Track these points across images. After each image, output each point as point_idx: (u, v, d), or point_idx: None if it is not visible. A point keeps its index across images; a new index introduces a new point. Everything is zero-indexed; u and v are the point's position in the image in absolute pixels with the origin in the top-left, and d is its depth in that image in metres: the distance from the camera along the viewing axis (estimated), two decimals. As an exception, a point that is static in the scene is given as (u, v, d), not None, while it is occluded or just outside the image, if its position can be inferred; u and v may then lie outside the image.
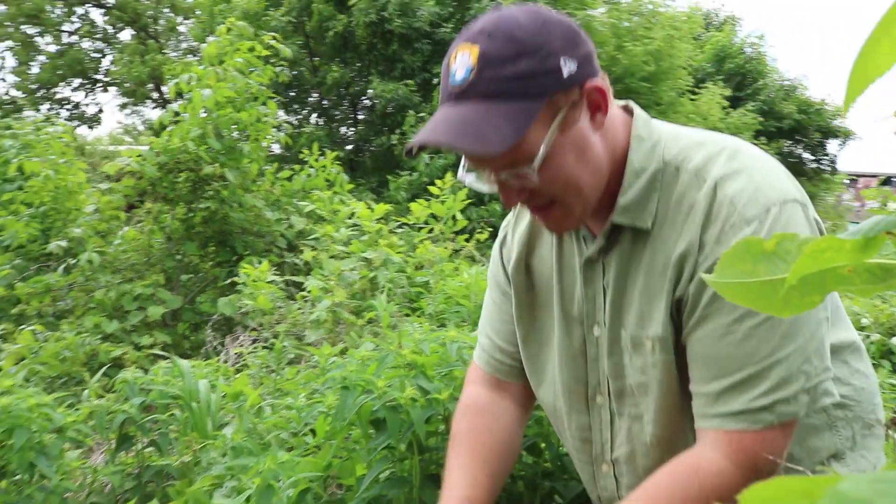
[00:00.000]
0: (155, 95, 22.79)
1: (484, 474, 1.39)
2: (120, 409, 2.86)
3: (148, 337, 5.15)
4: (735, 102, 20.02)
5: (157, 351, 4.31)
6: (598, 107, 1.18)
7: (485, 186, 1.22)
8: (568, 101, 1.14)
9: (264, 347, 3.70)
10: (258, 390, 2.45)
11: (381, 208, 4.77)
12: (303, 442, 2.13)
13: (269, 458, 1.66)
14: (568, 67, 1.12)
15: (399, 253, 4.48)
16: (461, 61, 1.12)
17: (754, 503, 0.36)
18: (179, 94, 6.18)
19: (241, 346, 4.02)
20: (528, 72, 1.09)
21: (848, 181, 24.58)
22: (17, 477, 2.67)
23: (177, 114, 6.15)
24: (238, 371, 3.56)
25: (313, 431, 2.14)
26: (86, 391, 3.39)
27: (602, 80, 1.18)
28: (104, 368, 3.46)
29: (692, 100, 16.85)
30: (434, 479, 1.75)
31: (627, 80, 15.28)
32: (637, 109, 1.29)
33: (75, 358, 4.77)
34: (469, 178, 1.23)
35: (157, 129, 6.40)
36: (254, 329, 4.37)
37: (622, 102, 1.32)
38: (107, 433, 3.01)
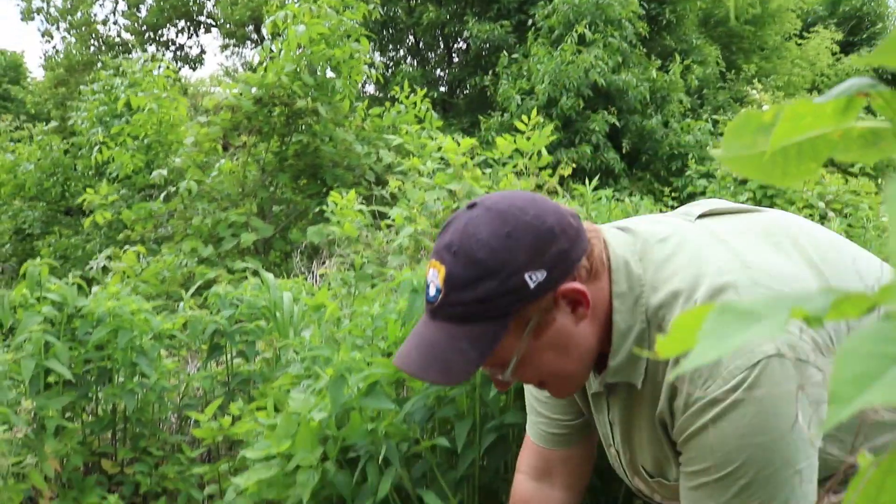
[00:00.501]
0: (254, 37, 23.24)
1: None
2: (212, 320, 3.05)
3: (240, 262, 5.40)
4: (847, 48, 19.01)
5: (252, 266, 4.53)
6: (577, 303, 1.14)
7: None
8: (538, 310, 1.13)
9: (347, 270, 3.84)
10: (337, 301, 2.58)
11: (467, 142, 4.82)
12: (376, 349, 2.25)
13: (342, 351, 1.77)
14: (535, 279, 1.10)
15: (483, 186, 4.54)
16: (432, 278, 1.14)
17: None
18: (276, 33, 6.34)
19: (326, 268, 4.18)
20: (489, 295, 1.09)
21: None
22: (122, 380, 2.90)
23: (272, 50, 6.32)
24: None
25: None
26: (181, 303, 3.61)
27: (582, 271, 1.15)
28: (198, 284, 3.67)
29: (799, 44, 16.11)
30: (495, 380, 1.84)
31: (730, 24, 14.73)
32: (614, 254, 1.21)
33: (173, 278, 5.06)
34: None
35: (254, 67, 6.60)
36: (339, 255, 4.53)
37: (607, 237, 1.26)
38: (199, 342, 3.22)
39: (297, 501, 1.92)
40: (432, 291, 1.13)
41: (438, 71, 16.61)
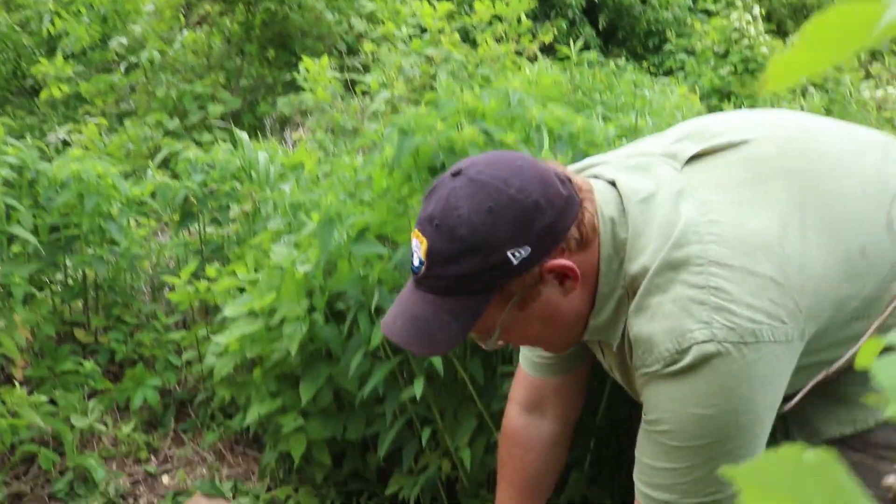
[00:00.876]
0: None
1: None
2: (182, 186, 2.91)
3: (208, 135, 5.19)
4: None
5: (224, 125, 4.35)
6: (565, 277, 1.13)
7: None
8: (523, 285, 1.12)
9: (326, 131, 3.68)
10: (316, 156, 2.44)
11: (444, 6, 4.59)
12: (360, 205, 2.13)
13: (330, 194, 1.65)
14: (519, 256, 1.08)
15: (460, 51, 4.34)
16: (415, 248, 1.13)
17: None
18: None
19: (302, 135, 4.02)
20: (471, 271, 1.09)
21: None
22: (91, 250, 2.77)
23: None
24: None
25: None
26: (149, 171, 3.45)
27: (571, 242, 1.12)
28: (164, 154, 3.49)
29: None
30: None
31: None
32: (602, 216, 1.17)
33: (139, 151, 4.86)
34: None
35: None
36: (313, 125, 4.35)
37: (591, 180, 1.23)
38: (170, 209, 3.08)
39: (282, 357, 1.84)
40: (416, 262, 1.13)
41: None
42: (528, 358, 1.48)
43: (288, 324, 1.75)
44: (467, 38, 5.07)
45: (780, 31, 14.04)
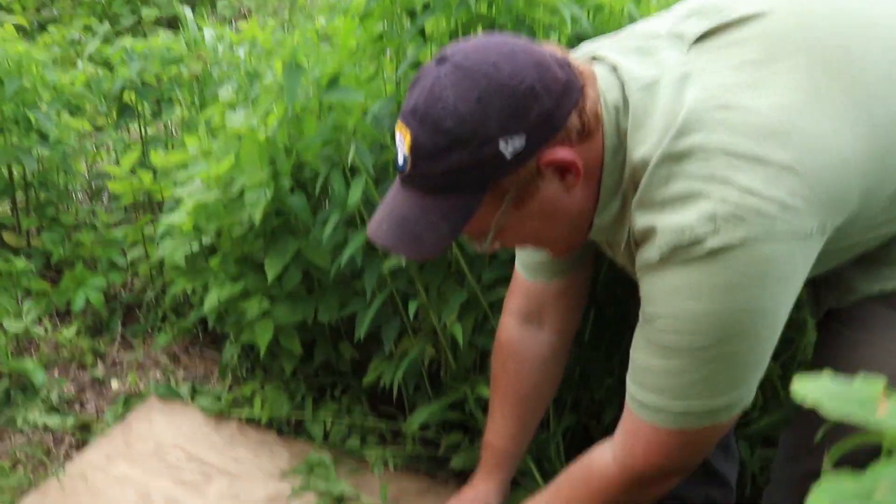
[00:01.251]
0: None
1: (515, 423, 1.45)
2: (118, 75, 2.64)
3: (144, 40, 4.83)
4: None
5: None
6: (566, 171, 1.02)
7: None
8: (518, 181, 1.02)
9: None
10: (269, 28, 2.20)
11: None
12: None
13: (296, 34, 1.43)
14: (511, 147, 0.98)
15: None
16: (399, 143, 1.03)
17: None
18: None
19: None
20: (460, 166, 0.99)
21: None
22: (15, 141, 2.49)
23: None
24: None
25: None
26: (79, 61, 3.15)
27: (572, 132, 1.01)
28: (96, 42, 3.17)
29: None
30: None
31: None
32: (605, 103, 1.05)
33: (66, 56, 4.48)
34: None
35: None
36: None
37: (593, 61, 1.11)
38: (107, 103, 2.81)
39: (245, 230, 1.64)
40: (400, 159, 1.04)
41: None
42: (524, 261, 1.38)
43: (250, 191, 1.54)
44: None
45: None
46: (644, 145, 1.02)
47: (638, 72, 1.06)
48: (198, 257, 1.85)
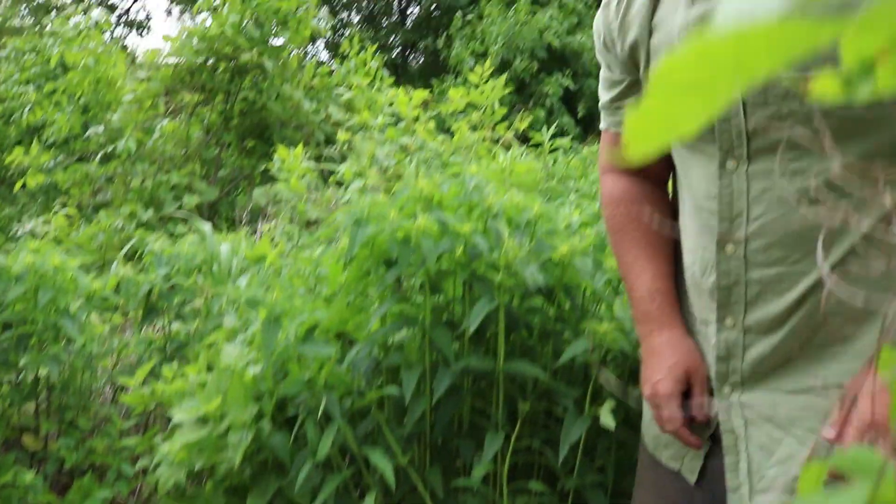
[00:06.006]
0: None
1: (663, 262, 1.29)
2: (145, 279, 2.81)
3: (183, 226, 5.12)
4: None
5: (187, 215, 4.26)
6: None
7: None
8: None
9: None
10: (278, 249, 2.36)
11: (420, 94, 4.61)
12: (318, 297, 2.03)
13: (277, 291, 1.56)
14: None
15: (436, 140, 4.33)
16: None
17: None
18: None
19: (271, 225, 3.95)
20: None
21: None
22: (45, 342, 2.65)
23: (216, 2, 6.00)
24: (266, 247, 3.49)
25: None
26: (115, 263, 3.35)
27: None
28: (132, 243, 3.40)
29: None
30: (449, 325, 1.64)
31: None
32: None
33: (110, 243, 4.77)
34: None
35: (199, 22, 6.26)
36: (286, 214, 4.29)
37: None
38: (133, 302, 2.97)
39: (230, 468, 1.71)
40: None
41: (392, 37, 16.27)
42: (621, 101, 1.29)
43: (233, 432, 1.62)
44: (443, 126, 5.09)
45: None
46: None
47: None
48: (189, 485, 1.92)
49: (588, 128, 11.32)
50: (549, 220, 1.64)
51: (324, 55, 16.05)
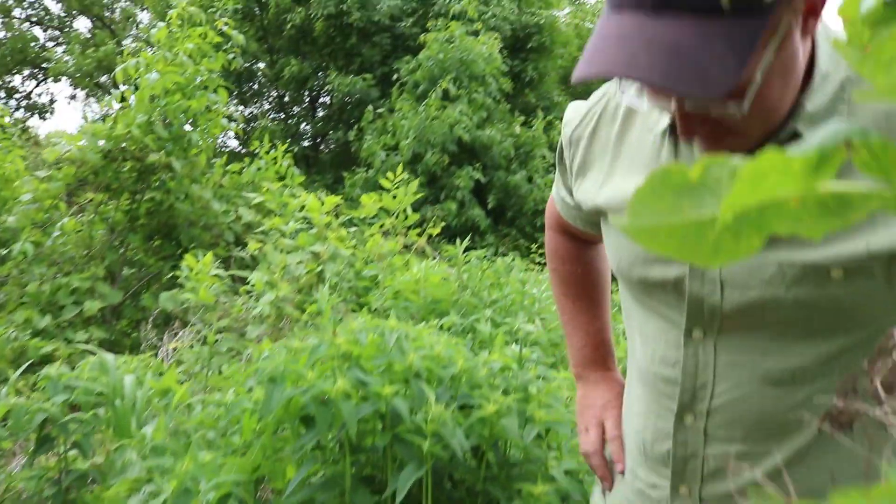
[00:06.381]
0: (111, 89, 22.26)
1: (605, 310, 1.37)
2: (40, 408, 2.66)
3: (83, 333, 4.90)
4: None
5: (90, 347, 4.08)
6: (814, 9, 0.83)
7: (647, 105, 0.91)
8: (791, 11, 0.81)
9: (203, 344, 3.51)
10: (187, 385, 2.27)
11: (331, 201, 4.60)
12: (231, 443, 1.96)
13: (187, 458, 1.48)
14: None
15: (348, 247, 4.31)
16: None
17: None
18: (127, 81, 5.95)
19: (180, 342, 3.82)
20: None
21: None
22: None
23: (123, 99, 5.91)
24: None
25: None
26: (4, 388, 3.17)
27: None
28: (28, 364, 3.23)
29: (651, 103, 16.90)
30: (368, 482, 1.59)
31: (589, 82, 15.25)
32: None
33: (1, 354, 4.52)
34: (627, 93, 0.91)
35: (105, 118, 6.15)
36: (194, 325, 4.17)
37: None
38: (25, 434, 2.80)
39: None
40: None
41: (303, 124, 16.35)
42: (563, 199, 1.28)
43: None
44: (354, 226, 5.09)
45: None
46: None
47: None
48: None
49: (498, 219, 11.54)
50: (471, 373, 1.63)
51: (233, 142, 15.99)
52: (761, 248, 0.37)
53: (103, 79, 21.80)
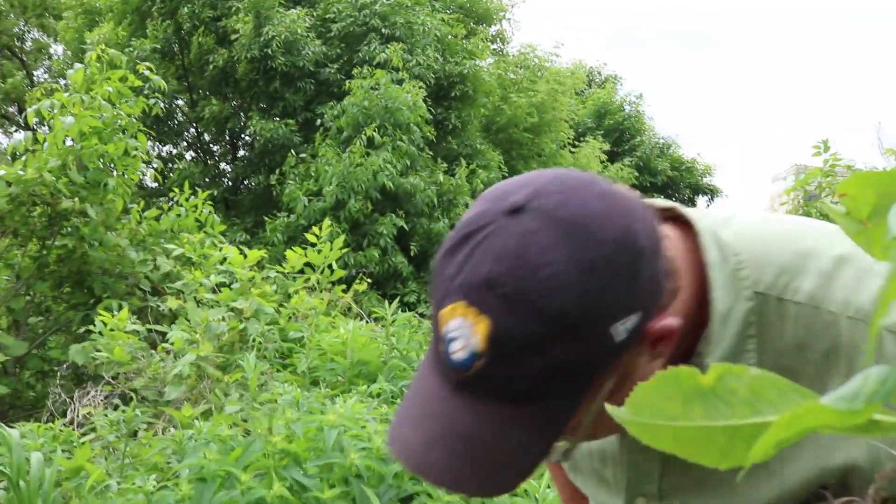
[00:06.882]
0: (19, 120, 21.48)
1: None
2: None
3: (-15, 391, 4.63)
4: (613, 157, 20.71)
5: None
6: (660, 339, 0.76)
7: None
8: (620, 364, 0.75)
9: (116, 406, 3.34)
10: (104, 465, 2.13)
11: (255, 255, 4.49)
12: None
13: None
14: (624, 328, 0.71)
15: (272, 303, 4.20)
16: (459, 331, 0.70)
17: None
18: (41, 122, 5.72)
19: (91, 403, 3.63)
20: (563, 362, 0.70)
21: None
22: None
23: (36, 141, 5.67)
24: (84, 435, 3.18)
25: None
26: None
27: (669, 305, 0.78)
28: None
29: (572, 152, 17.28)
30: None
31: (511, 131, 15.52)
32: (693, 218, 0.85)
33: None
34: None
35: (12, 157, 5.89)
36: (108, 383, 3.97)
37: (664, 205, 0.89)
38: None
39: None
40: (461, 354, 0.70)
41: (223, 164, 16.07)
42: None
43: None
44: (276, 275, 4.97)
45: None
46: (789, 248, 0.83)
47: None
48: None
49: (420, 265, 11.52)
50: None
51: (150, 181, 15.58)
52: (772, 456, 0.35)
53: (11, 109, 21.04)
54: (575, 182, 0.73)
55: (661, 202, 0.89)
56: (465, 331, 0.69)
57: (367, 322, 4.32)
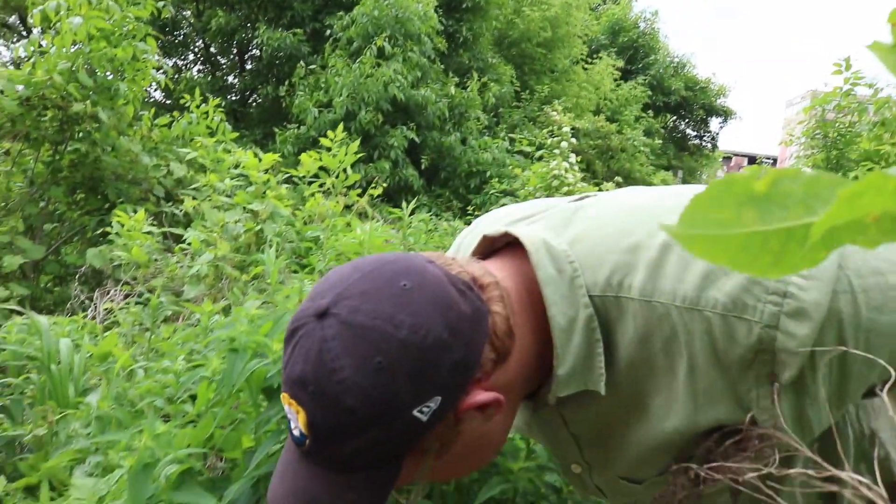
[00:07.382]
0: (21, 31, 21.13)
1: None
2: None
3: (4, 290, 4.67)
4: (626, 75, 20.39)
5: (12, 306, 3.89)
6: (486, 406, 0.87)
7: None
8: (438, 434, 0.86)
9: (137, 303, 3.37)
10: (130, 350, 2.16)
11: (270, 158, 4.46)
12: (181, 409, 1.87)
13: (145, 432, 1.40)
14: (428, 410, 0.82)
15: (288, 206, 4.19)
16: (291, 415, 0.86)
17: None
18: (47, 26, 5.63)
19: (112, 301, 3.67)
20: (372, 443, 0.83)
21: (723, 159, 25.42)
22: None
23: (42, 45, 5.58)
24: (107, 329, 3.23)
25: (193, 398, 1.89)
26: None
27: (487, 364, 0.86)
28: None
29: (585, 69, 16.98)
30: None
31: (524, 45, 15.23)
32: (524, 238, 0.94)
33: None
34: None
35: (18, 62, 5.82)
36: (126, 283, 4.01)
37: (497, 233, 0.98)
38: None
39: None
40: (296, 432, 0.86)
41: (230, 77, 15.86)
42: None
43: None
44: (294, 185, 4.96)
45: (590, 171, 15.07)
46: (619, 245, 0.90)
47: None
48: None
49: (431, 180, 11.47)
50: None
51: (157, 94, 15.42)
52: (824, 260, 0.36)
53: (12, 20, 20.68)
54: (378, 282, 0.83)
55: (492, 231, 0.99)
56: (293, 416, 0.85)
57: (382, 224, 4.31)
